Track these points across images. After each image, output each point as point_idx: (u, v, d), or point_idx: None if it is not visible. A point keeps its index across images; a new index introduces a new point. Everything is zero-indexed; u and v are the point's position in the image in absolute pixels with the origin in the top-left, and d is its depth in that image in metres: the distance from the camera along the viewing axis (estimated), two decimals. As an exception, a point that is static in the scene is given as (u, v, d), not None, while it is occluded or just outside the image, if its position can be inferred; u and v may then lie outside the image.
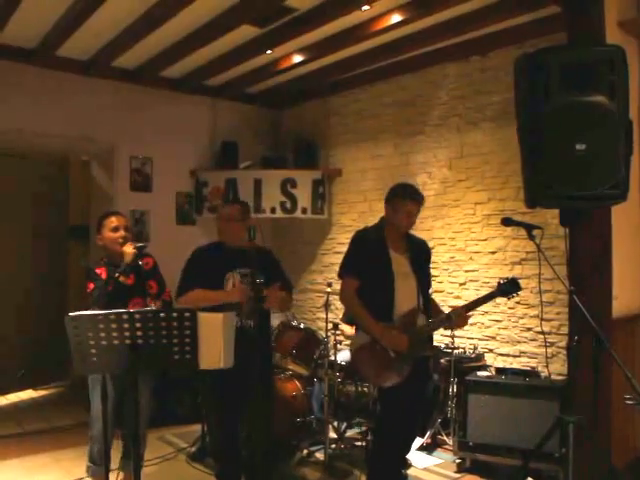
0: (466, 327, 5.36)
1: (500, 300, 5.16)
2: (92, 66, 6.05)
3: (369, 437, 4.77)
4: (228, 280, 3.76)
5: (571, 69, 2.94)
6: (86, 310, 2.87)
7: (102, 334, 2.57)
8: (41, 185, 7.18)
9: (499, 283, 3.71)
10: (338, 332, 5.01)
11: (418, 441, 4.96)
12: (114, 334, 2.56)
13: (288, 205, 6.64)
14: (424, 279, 3.85)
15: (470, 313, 3.76)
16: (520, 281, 4.97)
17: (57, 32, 5.21)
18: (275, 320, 4.92)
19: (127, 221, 4.08)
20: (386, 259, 3.71)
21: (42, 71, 5.89)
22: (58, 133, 6.07)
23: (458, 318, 3.69)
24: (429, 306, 3.86)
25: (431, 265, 4.03)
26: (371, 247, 3.75)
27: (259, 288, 3.38)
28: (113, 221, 3.95)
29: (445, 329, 4.45)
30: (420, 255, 3.89)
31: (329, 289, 4.93)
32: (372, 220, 4.12)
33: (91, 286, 3.81)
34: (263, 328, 3.89)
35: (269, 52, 5.76)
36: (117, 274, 3.72)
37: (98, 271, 3.90)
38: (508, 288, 3.68)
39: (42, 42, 5.50)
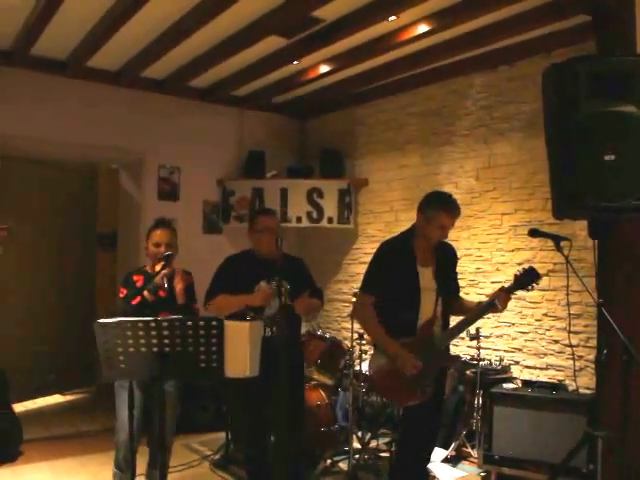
0: (492, 339, 5.37)
1: (527, 312, 5.18)
2: (122, 76, 6.13)
3: (393, 448, 4.75)
4: (258, 289, 3.79)
5: (601, 79, 2.91)
6: (112, 316, 2.90)
7: (130, 341, 2.59)
8: (70, 193, 7.28)
9: (515, 275, 3.55)
10: (363, 342, 4.99)
11: (442, 453, 4.92)
12: (142, 341, 2.59)
13: (314, 214, 6.66)
14: (446, 287, 3.71)
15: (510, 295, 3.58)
16: (547, 293, 4.97)
17: (88, 44, 5.29)
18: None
19: (171, 235, 4.01)
20: (413, 275, 3.59)
21: (73, 82, 5.99)
22: (88, 142, 6.16)
23: (501, 300, 3.53)
24: (462, 307, 3.78)
25: (457, 269, 3.94)
26: (397, 262, 3.62)
27: (282, 292, 3.39)
28: (157, 235, 3.95)
29: (494, 313, 4.02)
30: (446, 263, 3.77)
31: (354, 299, 4.91)
32: (398, 230, 4.03)
33: (122, 293, 3.86)
34: (294, 338, 3.92)
35: (295, 63, 5.79)
36: (145, 291, 3.74)
37: (135, 278, 3.92)
38: (525, 278, 3.51)
39: (73, 53, 5.58)
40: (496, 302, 3.52)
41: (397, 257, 3.64)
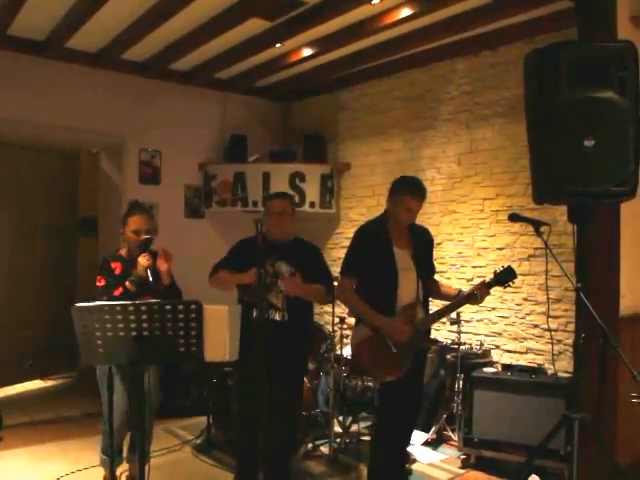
0: (473, 323, 5.41)
1: (507, 297, 5.21)
2: (102, 58, 6.06)
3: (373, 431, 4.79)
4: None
5: (581, 65, 2.91)
6: (93, 301, 2.88)
7: (108, 325, 2.58)
8: (51, 177, 7.19)
9: (495, 272, 3.67)
10: (344, 326, 5.01)
11: (423, 436, 4.96)
12: (120, 325, 2.58)
13: (297, 199, 6.62)
14: (425, 270, 3.82)
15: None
16: (527, 278, 5.01)
17: (66, 24, 5.21)
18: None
19: (150, 221, 3.98)
20: (389, 256, 3.69)
21: (51, 63, 5.90)
22: (68, 125, 6.08)
23: (482, 295, 3.66)
24: (439, 292, 3.90)
25: (439, 254, 4.00)
26: (374, 244, 3.72)
27: (262, 275, 3.38)
28: (136, 222, 3.90)
29: (472, 304, 4.06)
30: (422, 246, 3.87)
31: (336, 283, 4.91)
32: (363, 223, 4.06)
33: (101, 282, 3.81)
34: (297, 322, 3.90)
35: (278, 45, 5.75)
36: (127, 282, 3.70)
37: (113, 265, 3.87)
38: (503, 277, 3.64)
39: (51, 34, 5.50)
40: (477, 294, 3.64)
41: (374, 239, 3.75)
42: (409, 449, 4.36)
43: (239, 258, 3.88)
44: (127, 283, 3.69)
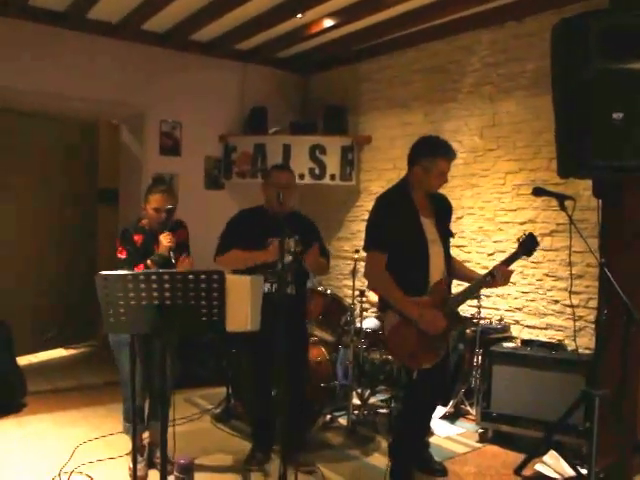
0: (493, 298, 5.38)
1: (529, 272, 5.18)
2: (122, 29, 6.03)
3: (392, 404, 4.80)
4: (271, 244, 3.80)
5: (611, 35, 2.86)
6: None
7: (131, 294, 2.58)
8: (71, 148, 7.22)
9: (519, 240, 3.49)
10: (364, 299, 5.01)
11: (441, 410, 4.97)
12: (143, 294, 2.58)
13: (317, 171, 6.61)
14: (447, 240, 3.63)
15: (511, 269, 3.54)
16: (549, 253, 4.97)
17: (87, -6, 5.21)
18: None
19: (171, 199, 3.86)
20: (418, 227, 3.47)
21: (72, 34, 5.88)
22: (88, 96, 6.08)
23: (501, 274, 3.47)
24: (458, 270, 3.76)
25: (460, 228, 3.89)
26: (400, 213, 3.46)
27: (292, 247, 3.41)
28: (157, 200, 3.82)
29: (488, 287, 4.01)
30: (444, 215, 3.69)
31: (356, 256, 4.92)
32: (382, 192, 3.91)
33: (123, 254, 3.81)
34: (301, 294, 4.00)
35: (299, 16, 5.68)
36: (148, 260, 3.69)
37: (135, 238, 3.84)
38: (529, 244, 3.47)
39: (72, 5, 5.48)
40: (495, 273, 3.46)
41: (399, 208, 3.50)
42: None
43: (245, 234, 3.84)
44: (149, 262, 3.68)
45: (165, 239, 3.69)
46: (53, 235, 7.00)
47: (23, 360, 6.15)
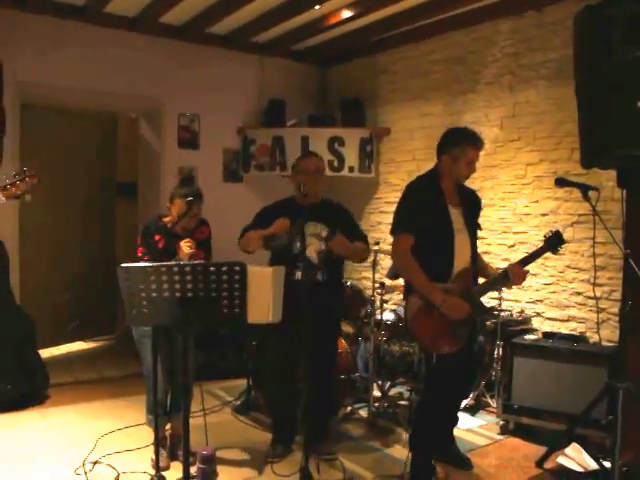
0: (514, 290, 5.34)
1: (550, 263, 5.13)
2: (139, 23, 6.04)
3: (412, 396, 4.79)
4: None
5: (636, 22, 2.80)
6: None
7: (153, 286, 2.60)
8: (90, 142, 7.25)
9: (545, 237, 3.49)
10: (384, 291, 5.00)
11: (462, 402, 4.95)
12: (164, 286, 2.59)
13: (335, 163, 6.59)
14: (474, 232, 3.68)
15: (527, 269, 3.55)
16: (571, 245, 4.92)
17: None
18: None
19: (196, 207, 3.85)
20: (445, 214, 3.51)
21: (90, 27, 5.89)
22: (107, 90, 6.10)
23: (515, 274, 3.48)
24: (480, 265, 3.76)
25: (480, 220, 3.88)
26: (430, 200, 3.51)
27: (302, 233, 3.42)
28: (180, 206, 3.79)
29: (502, 287, 4.32)
30: (472, 207, 3.72)
31: (376, 247, 4.91)
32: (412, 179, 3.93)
33: (141, 249, 3.82)
34: (332, 281, 3.97)
35: (317, 7, 5.66)
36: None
37: (156, 238, 3.81)
38: (555, 241, 3.46)
39: (90, -2, 5.51)
40: (509, 273, 3.47)
41: (428, 195, 3.53)
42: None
43: (268, 220, 3.89)
44: None
45: (186, 246, 3.69)
46: (73, 229, 7.05)
47: (45, 353, 6.20)
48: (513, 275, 3.47)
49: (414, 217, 3.48)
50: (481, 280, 3.72)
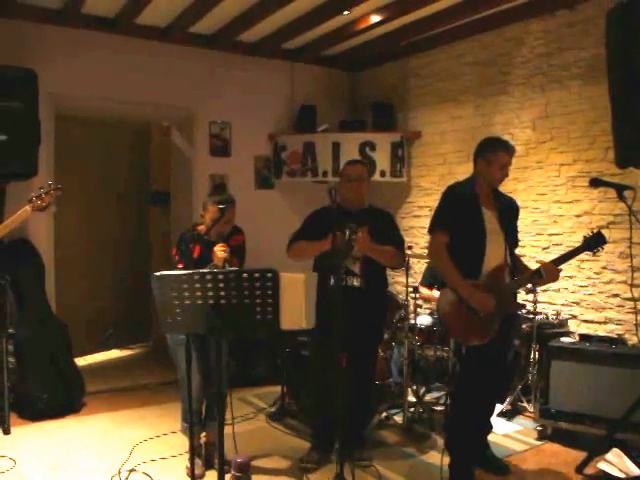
0: (549, 292, 5.27)
1: (585, 265, 5.06)
2: (170, 33, 6.10)
3: (448, 401, 4.75)
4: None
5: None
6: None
7: (186, 294, 2.61)
8: (124, 151, 7.35)
9: (585, 237, 3.66)
10: (417, 295, 4.97)
11: (498, 407, 4.89)
12: (198, 293, 2.60)
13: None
14: (512, 236, 3.85)
15: (560, 267, 3.70)
16: (607, 246, 4.83)
17: (135, 0, 5.27)
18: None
19: (229, 212, 3.88)
20: (478, 215, 3.70)
21: (122, 39, 5.98)
22: (138, 100, 6.18)
23: (548, 273, 3.64)
24: (516, 264, 3.86)
25: (518, 224, 3.97)
26: (464, 202, 3.72)
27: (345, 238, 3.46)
28: (214, 212, 3.82)
29: (534, 286, 4.55)
30: (509, 212, 3.89)
31: (409, 252, 4.88)
32: (452, 183, 4.07)
33: (177, 257, 3.86)
34: (372, 287, 3.98)
35: (346, 13, 5.66)
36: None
37: (192, 246, 3.84)
38: (594, 242, 3.62)
39: (121, 11, 5.58)
40: (542, 271, 3.64)
41: (463, 198, 3.75)
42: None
43: (314, 228, 3.94)
44: None
45: (220, 250, 3.71)
46: (108, 237, 7.14)
47: (80, 361, 6.29)
48: (546, 273, 3.64)
49: (449, 217, 3.72)
50: None
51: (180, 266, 3.82)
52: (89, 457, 4.15)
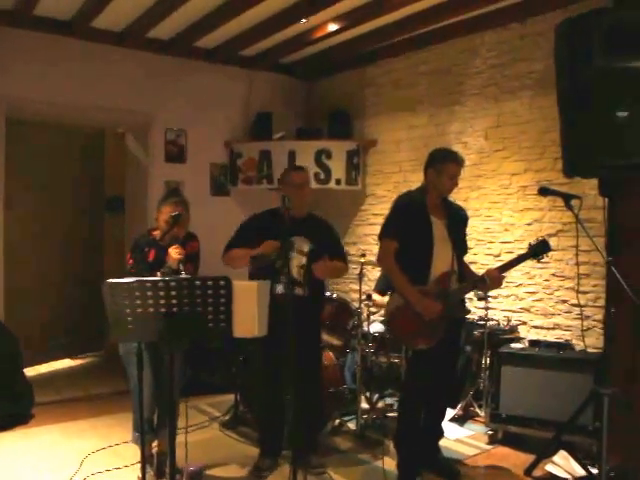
0: (500, 299, 5.37)
1: (535, 272, 5.16)
2: (127, 37, 6.06)
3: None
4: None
5: (615, 34, 2.85)
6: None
7: (138, 301, 2.59)
8: (77, 157, 7.25)
9: (530, 244, 3.79)
10: (371, 303, 5.01)
11: (450, 412, 4.96)
12: (150, 301, 2.59)
13: (322, 176, 6.60)
14: (460, 244, 3.96)
15: (504, 274, 3.86)
16: (556, 253, 4.96)
17: (92, 3, 5.23)
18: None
19: (182, 209, 3.87)
20: (427, 224, 3.81)
21: (77, 43, 5.91)
22: (94, 105, 6.10)
23: (492, 279, 3.80)
24: (464, 271, 3.97)
25: (467, 232, 4.09)
26: (413, 211, 3.85)
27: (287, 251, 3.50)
28: (168, 211, 3.80)
29: (481, 291, 4.67)
30: (458, 221, 4.01)
31: (363, 260, 4.92)
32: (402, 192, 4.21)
33: (129, 262, 3.81)
34: (315, 296, 4.02)
35: (304, 21, 5.70)
36: (158, 273, 3.65)
37: (147, 250, 3.82)
38: (539, 249, 3.75)
39: (77, 14, 5.52)
40: (486, 278, 3.80)
41: (412, 207, 3.87)
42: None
43: (251, 234, 3.93)
44: (158, 274, 3.66)
45: (174, 252, 3.69)
46: (60, 244, 7.01)
47: (31, 371, 6.16)
48: (490, 280, 3.80)
49: (399, 225, 3.85)
50: None
51: (131, 270, 3.77)
52: (38, 470, 4.05)
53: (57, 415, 5.16)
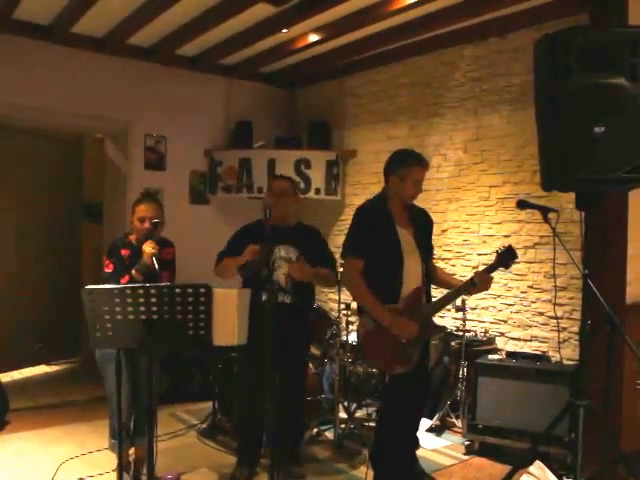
0: (478, 310, 5.41)
1: (513, 284, 5.22)
2: (107, 43, 6.03)
3: (377, 417, 4.80)
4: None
5: (592, 51, 2.89)
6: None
7: (117, 308, 2.58)
8: (56, 163, 7.19)
9: (497, 252, 3.47)
10: (350, 312, 5.02)
11: (427, 423, 4.98)
12: (129, 308, 2.58)
13: (302, 185, 6.61)
14: (427, 253, 3.69)
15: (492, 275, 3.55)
16: (533, 265, 5.01)
17: (72, 8, 5.20)
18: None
19: (156, 209, 3.85)
20: (394, 235, 3.54)
21: (57, 48, 5.87)
22: (73, 110, 6.07)
23: (481, 281, 3.47)
24: (431, 281, 3.75)
25: (445, 241, 3.97)
26: (377, 222, 3.54)
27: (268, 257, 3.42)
28: (142, 210, 3.80)
29: (467, 295, 4.25)
30: (424, 228, 3.75)
31: (342, 269, 4.92)
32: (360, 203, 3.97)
33: (109, 268, 3.78)
34: (300, 304, 3.99)
35: (285, 31, 5.72)
36: (133, 270, 3.65)
37: (123, 252, 3.79)
38: (507, 256, 3.44)
39: (57, 18, 5.49)
40: (476, 281, 3.47)
41: (376, 218, 3.57)
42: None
43: (242, 244, 3.90)
44: (133, 271, 3.64)
45: (148, 247, 3.65)
46: (37, 250, 6.95)
47: (5, 377, 6.09)
48: (480, 281, 3.47)
49: (362, 240, 3.54)
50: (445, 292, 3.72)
51: (109, 269, 3.71)
52: (12, 478, 4.01)
53: (32, 422, 5.12)
